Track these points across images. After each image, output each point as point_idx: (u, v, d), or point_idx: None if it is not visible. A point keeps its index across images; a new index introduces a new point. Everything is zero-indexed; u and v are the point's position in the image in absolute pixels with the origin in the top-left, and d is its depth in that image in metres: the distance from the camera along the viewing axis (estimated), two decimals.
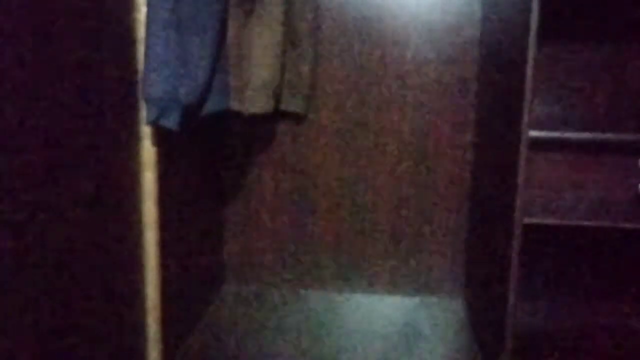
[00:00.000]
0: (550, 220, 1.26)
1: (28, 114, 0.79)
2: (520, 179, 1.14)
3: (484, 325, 1.40)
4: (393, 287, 1.71)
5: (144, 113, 1.11)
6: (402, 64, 1.60)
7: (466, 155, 1.62)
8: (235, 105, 1.34)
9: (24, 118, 0.78)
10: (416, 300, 1.68)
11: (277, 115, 1.59)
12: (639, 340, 1.46)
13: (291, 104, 1.57)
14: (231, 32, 1.28)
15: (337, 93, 1.63)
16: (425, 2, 1.56)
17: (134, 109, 1.12)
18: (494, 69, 1.39)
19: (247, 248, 1.73)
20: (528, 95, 1.11)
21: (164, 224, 1.22)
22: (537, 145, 1.52)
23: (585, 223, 1.27)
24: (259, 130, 1.67)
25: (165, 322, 1.25)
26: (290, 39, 1.49)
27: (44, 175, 0.84)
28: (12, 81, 0.75)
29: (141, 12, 1.10)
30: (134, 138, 1.13)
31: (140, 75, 1.12)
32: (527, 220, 1.20)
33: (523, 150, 1.13)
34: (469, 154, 1.62)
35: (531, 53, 1.09)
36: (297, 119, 1.64)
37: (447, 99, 1.60)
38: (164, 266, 1.22)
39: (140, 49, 1.11)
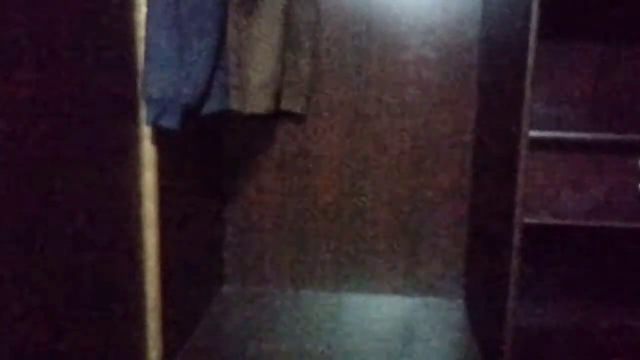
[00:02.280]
0: (550, 220, 1.26)
1: (27, 114, 0.79)
2: (520, 179, 1.14)
3: (484, 326, 1.40)
4: (393, 287, 1.71)
5: (144, 113, 1.11)
6: (402, 64, 1.60)
7: (466, 155, 1.62)
8: (235, 105, 1.34)
9: (23, 118, 0.78)
10: (416, 300, 1.68)
11: (277, 115, 1.59)
12: (639, 341, 1.46)
13: (291, 104, 1.56)
14: (231, 33, 1.28)
15: (337, 93, 1.63)
16: (425, 2, 1.56)
17: (134, 109, 1.12)
18: (494, 69, 1.39)
19: (247, 248, 1.73)
20: (528, 95, 1.11)
21: (164, 224, 1.22)
22: (537, 145, 1.52)
23: (585, 223, 1.27)
24: (259, 130, 1.67)
25: (165, 322, 1.25)
26: (290, 39, 1.49)
27: (44, 175, 0.84)
28: (12, 81, 0.75)
29: (141, 12, 1.10)
30: (134, 138, 1.13)
31: (140, 75, 1.12)
32: (527, 220, 1.20)
33: (523, 150, 1.13)
34: (469, 154, 1.61)
35: (531, 53, 1.09)
36: (297, 118, 1.64)
37: (447, 99, 1.60)
38: (164, 266, 1.22)
39: (140, 49, 1.11)
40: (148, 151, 1.16)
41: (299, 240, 1.71)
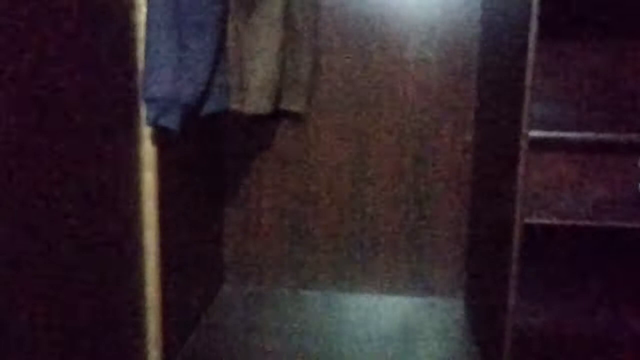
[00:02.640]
0: (550, 220, 1.26)
1: (28, 114, 0.79)
2: (520, 179, 1.14)
3: (484, 326, 1.40)
4: (393, 287, 1.71)
5: (144, 113, 1.11)
6: (402, 64, 1.60)
7: (466, 155, 1.62)
8: (235, 105, 1.33)
9: (23, 118, 0.78)
10: (416, 300, 1.68)
11: (277, 114, 1.59)
12: (638, 341, 1.46)
13: (291, 104, 1.56)
14: (231, 32, 1.28)
15: (337, 93, 1.63)
16: (425, 2, 1.56)
17: (134, 109, 1.12)
18: (494, 69, 1.39)
19: (247, 248, 1.73)
20: (528, 95, 1.11)
21: (164, 224, 1.22)
22: (537, 145, 1.52)
23: (586, 223, 1.27)
24: (259, 130, 1.67)
25: (165, 322, 1.25)
26: (290, 39, 1.48)
27: (44, 175, 0.84)
28: (12, 81, 0.75)
29: (141, 12, 1.10)
30: (134, 138, 1.13)
31: (140, 75, 1.12)
32: (527, 220, 1.20)
33: (523, 150, 1.13)
34: (469, 154, 1.61)
35: (531, 53, 1.09)
36: (297, 118, 1.64)
37: (447, 99, 1.60)
38: (164, 266, 1.22)
39: (140, 49, 1.11)
40: (148, 151, 1.16)
41: (299, 240, 1.71)
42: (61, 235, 0.88)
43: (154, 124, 1.09)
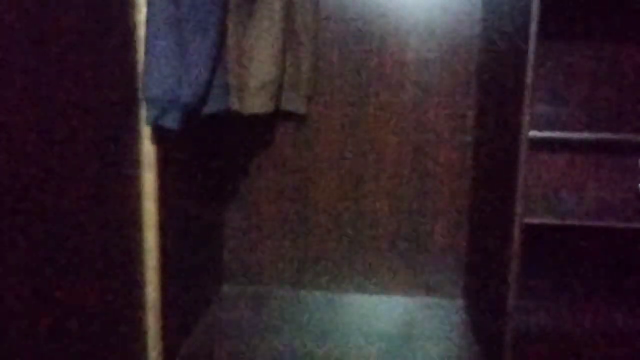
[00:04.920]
0: (550, 220, 1.26)
1: (28, 114, 0.79)
2: (520, 179, 1.14)
3: (484, 326, 1.40)
4: (393, 288, 1.71)
5: (144, 113, 1.11)
6: (402, 64, 1.60)
7: (466, 155, 1.62)
8: (235, 105, 1.34)
9: (24, 118, 0.78)
10: (416, 300, 1.68)
11: (277, 115, 1.59)
12: (638, 341, 1.46)
13: (291, 104, 1.56)
14: (231, 33, 1.28)
15: (337, 93, 1.63)
16: (425, 2, 1.56)
17: (134, 109, 1.12)
18: (494, 69, 1.39)
19: (247, 248, 1.73)
20: (528, 95, 1.11)
21: (164, 224, 1.22)
22: (537, 145, 1.52)
23: (585, 223, 1.27)
24: (259, 130, 1.67)
25: (165, 322, 1.25)
26: (290, 39, 1.49)
27: (44, 175, 0.84)
28: (12, 81, 0.75)
29: (141, 12, 1.10)
30: (134, 138, 1.13)
31: (140, 75, 1.12)
32: (527, 220, 1.20)
33: (523, 150, 1.13)
34: (469, 154, 1.62)
35: (531, 53, 1.09)
36: (297, 118, 1.64)
37: (447, 98, 1.60)
38: (164, 266, 1.22)
39: (140, 49, 1.11)
40: (148, 151, 1.16)
41: (298, 240, 1.71)
42: (61, 235, 0.88)
43: (154, 123, 1.09)
